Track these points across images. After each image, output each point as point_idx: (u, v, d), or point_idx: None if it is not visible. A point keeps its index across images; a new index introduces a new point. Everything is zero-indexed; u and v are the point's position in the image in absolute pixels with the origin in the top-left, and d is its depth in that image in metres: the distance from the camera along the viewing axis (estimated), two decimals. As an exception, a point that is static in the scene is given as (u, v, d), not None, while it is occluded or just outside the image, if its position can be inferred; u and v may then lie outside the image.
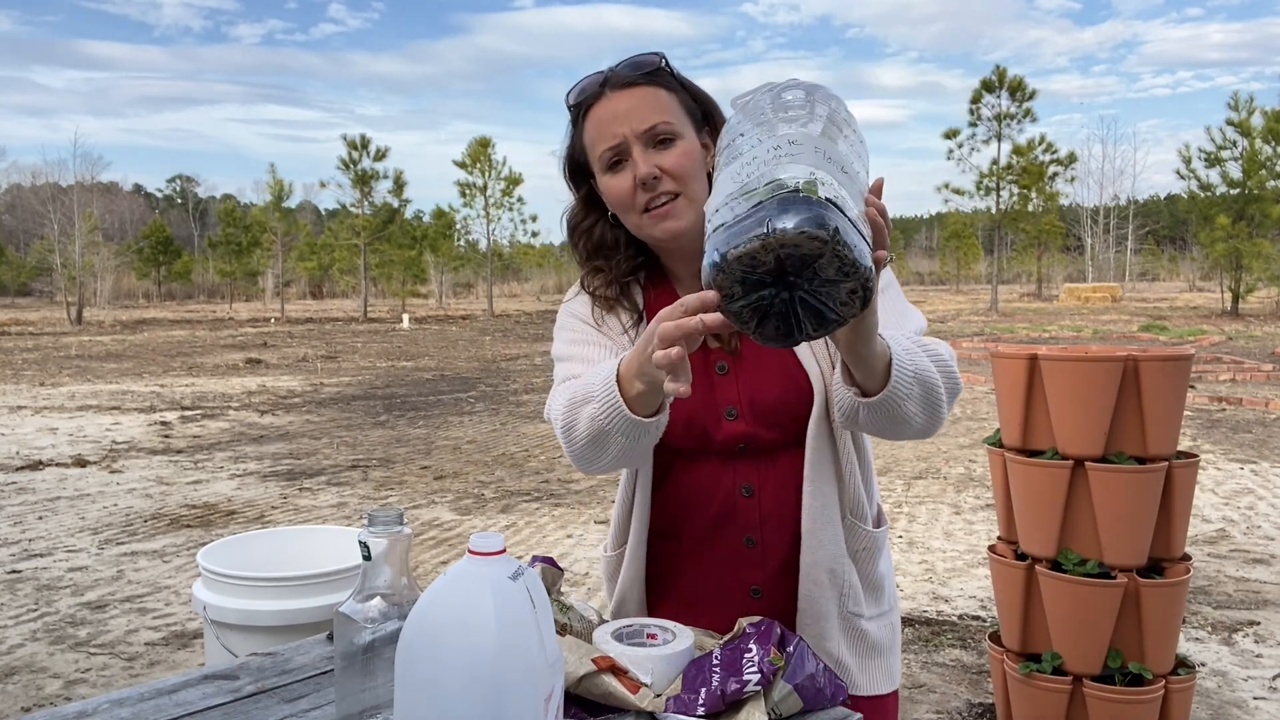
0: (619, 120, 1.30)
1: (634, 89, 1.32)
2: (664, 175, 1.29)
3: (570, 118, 1.39)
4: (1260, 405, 10.54)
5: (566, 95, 1.38)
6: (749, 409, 1.34)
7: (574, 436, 1.23)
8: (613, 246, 1.41)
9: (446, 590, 0.93)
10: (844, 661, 1.39)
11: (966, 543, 5.55)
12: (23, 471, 7.87)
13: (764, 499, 1.36)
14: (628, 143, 1.30)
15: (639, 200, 1.31)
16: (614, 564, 1.49)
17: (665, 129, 1.30)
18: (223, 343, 23.75)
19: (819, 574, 1.35)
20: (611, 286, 1.41)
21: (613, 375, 1.17)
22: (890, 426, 1.22)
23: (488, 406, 11.59)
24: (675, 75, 1.36)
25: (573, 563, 5.22)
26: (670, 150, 1.30)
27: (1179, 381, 2.65)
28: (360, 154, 37.51)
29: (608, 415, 1.17)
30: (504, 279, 57.38)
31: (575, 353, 1.39)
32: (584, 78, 1.36)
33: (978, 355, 15.08)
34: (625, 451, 1.21)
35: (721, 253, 0.91)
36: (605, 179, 1.34)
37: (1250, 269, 27.71)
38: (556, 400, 1.31)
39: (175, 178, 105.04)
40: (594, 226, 1.42)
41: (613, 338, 1.40)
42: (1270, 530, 5.77)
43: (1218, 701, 3.46)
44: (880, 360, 1.14)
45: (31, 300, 54.71)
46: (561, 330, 1.44)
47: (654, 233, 1.33)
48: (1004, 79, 32.32)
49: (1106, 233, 65.06)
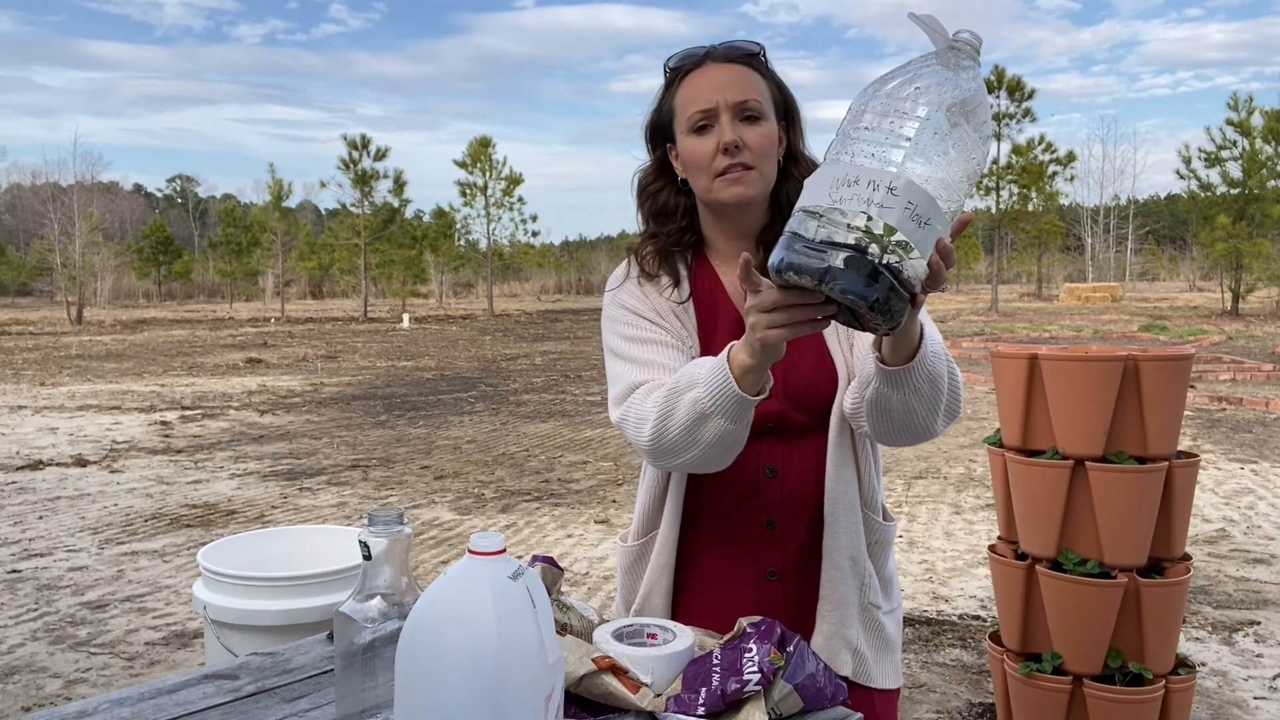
0: (715, 88, 1.37)
1: (733, 65, 1.40)
2: (745, 148, 1.36)
3: (665, 81, 1.46)
4: (1260, 405, 10.54)
5: (666, 61, 1.46)
6: (782, 388, 1.38)
7: (669, 425, 1.26)
8: (673, 213, 1.48)
9: (446, 590, 0.93)
10: (861, 651, 1.42)
11: (966, 542, 5.55)
12: (23, 471, 7.87)
13: (786, 481, 1.40)
14: (719, 109, 1.36)
15: (717, 164, 1.37)
16: (635, 555, 1.51)
17: (755, 106, 1.37)
18: (223, 342, 23.75)
19: (841, 560, 1.39)
20: (659, 255, 1.47)
21: (724, 358, 1.21)
22: (890, 415, 1.26)
23: (488, 406, 11.59)
24: (769, 66, 1.45)
25: (573, 563, 5.22)
26: (756, 127, 1.37)
27: (1179, 381, 2.65)
28: (360, 154, 37.51)
29: (713, 396, 1.21)
30: (504, 279, 57.35)
31: (639, 354, 1.41)
32: (685, 48, 1.45)
33: (978, 355, 15.07)
34: (720, 437, 1.23)
35: (786, 262, 1.02)
36: (688, 140, 1.40)
37: (1250, 269, 27.70)
38: (640, 400, 1.33)
39: (175, 178, 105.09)
40: (661, 190, 1.49)
41: (660, 317, 1.44)
42: (1270, 530, 5.77)
43: (1218, 701, 3.46)
44: (909, 342, 1.19)
45: (31, 300, 54.69)
46: (614, 323, 1.46)
47: (722, 196, 1.39)
48: (1003, 79, 32.32)
49: (1106, 232, 65.08)
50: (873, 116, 1.05)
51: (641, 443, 1.30)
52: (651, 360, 1.39)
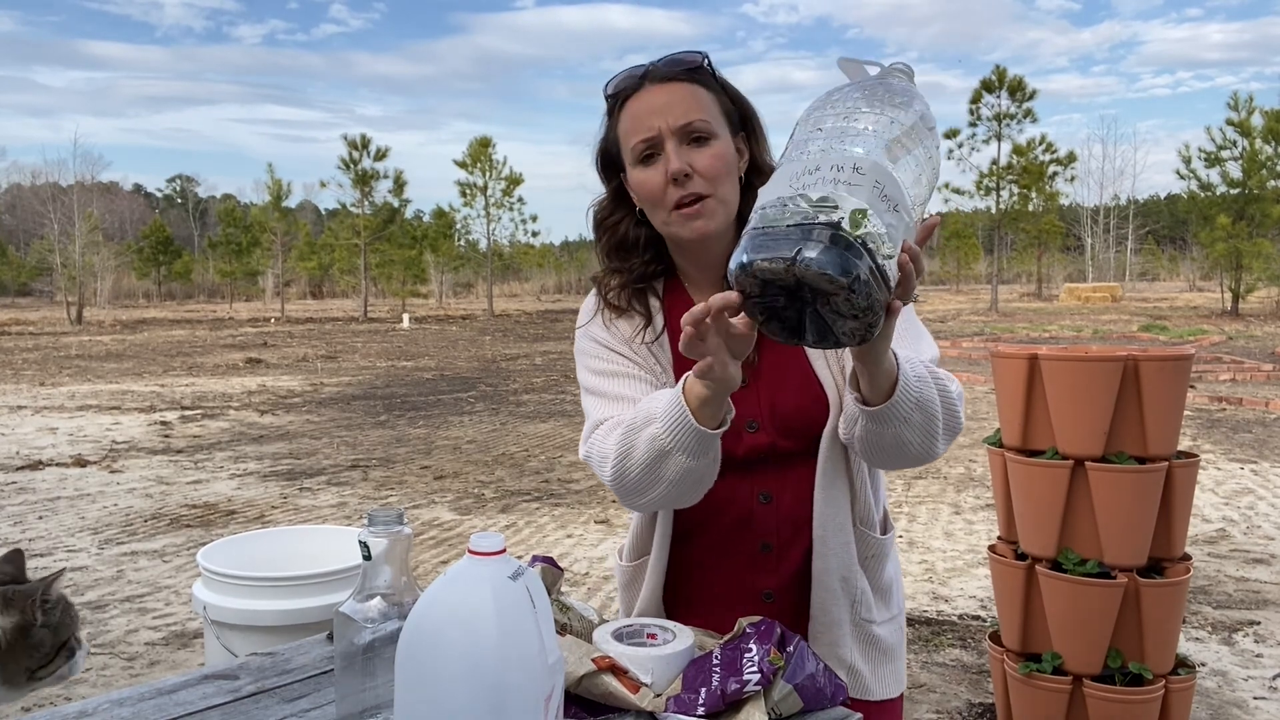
0: (655, 113, 1.28)
1: (673, 84, 1.30)
2: (695, 174, 1.27)
3: (606, 108, 1.37)
4: (1260, 405, 10.54)
5: (605, 86, 1.36)
6: (769, 420, 1.33)
7: (629, 464, 1.20)
8: (634, 246, 1.38)
9: (446, 590, 0.93)
10: (857, 668, 1.39)
11: (966, 543, 5.55)
12: (23, 471, 7.87)
13: (781, 505, 1.36)
14: (662, 136, 1.27)
15: (669, 197, 1.28)
16: (630, 574, 1.48)
17: (701, 127, 1.28)
18: (223, 342, 23.75)
19: (831, 581, 1.35)
20: (625, 290, 1.38)
21: (678, 391, 1.15)
22: (881, 449, 1.22)
23: (488, 406, 11.59)
24: (716, 76, 1.34)
25: (573, 563, 5.22)
26: (704, 149, 1.28)
27: (1179, 381, 2.65)
28: (360, 154, 37.52)
29: (672, 431, 1.15)
30: (504, 279, 57.38)
31: (607, 388, 1.34)
32: (623, 69, 1.34)
33: (978, 355, 15.07)
34: (683, 474, 1.18)
35: (750, 259, 0.94)
36: (636, 172, 1.31)
37: (1250, 269, 27.70)
38: (603, 437, 1.27)
39: (175, 178, 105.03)
40: (620, 223, 1.39)
41: (633, 351, 1.37)
42: (1270, 530, 5.77)
43: (1218, 701, 3.46)
44: (886, 377, 1.14)
45: (31, 300, 54.68)
46: (585, 357, 1.39)
47: (681, 232, 1.30)
48: (1004, 79, 32.34)
49: (1106, 232, 65.08)
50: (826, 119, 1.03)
51: (606, 481, 1.25)
52: (620, 394, 1.32)
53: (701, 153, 1.27)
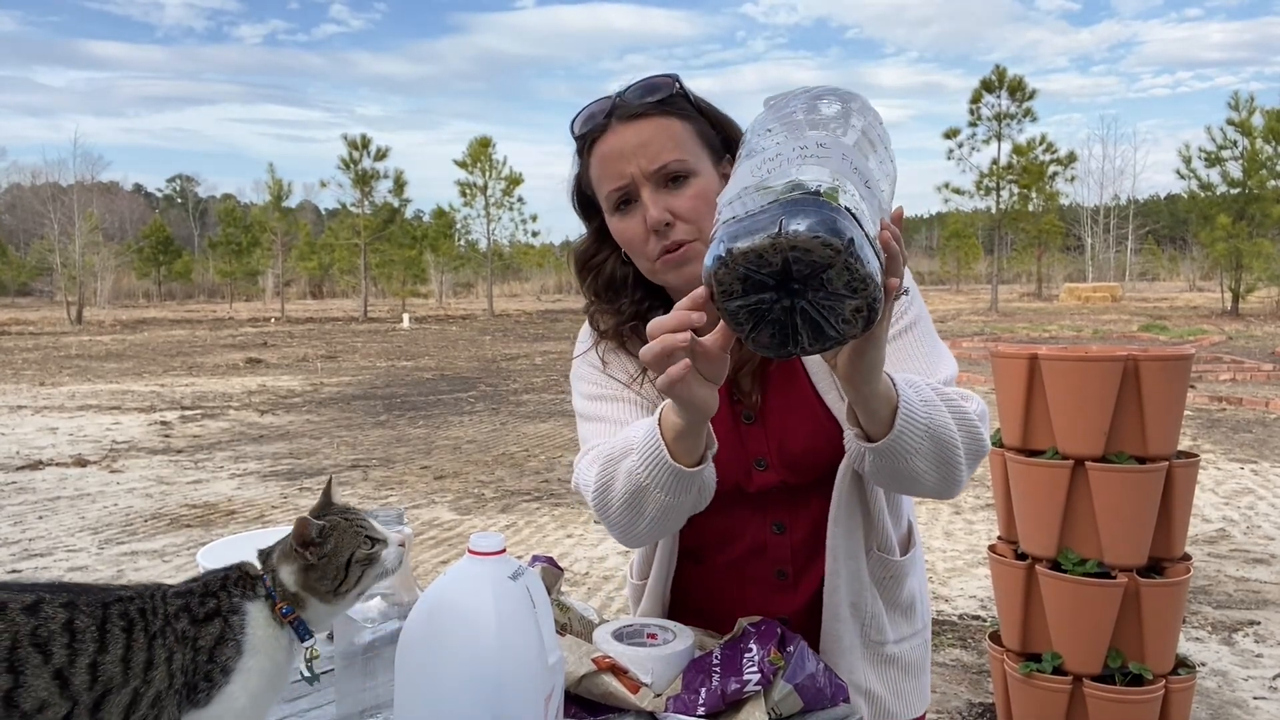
0: (626, 158, 1.18)
1: (643, 120, 1.19)
2: (676, 221, 1.18)
3: (575, 148, 1.27)
4: (1260, 405, 10.54)
5: (571, 123, 1.26)
6: (778, 458, 1.27)
7: (609, 498, 1.15)
8: (622, 284, 1.31)
9: (446, 590, 0.93)
10: (875, 692, 1.33)
11: (966, 542, 5.55)
12: (23, 471, 7.87)
13: (795, 535, 1.31)
14: (636, 183, 1.18)
15: (651, 247, 1.19)
16: (638, 591, 1.45)
17: (677, 167, 1.18)
18: (223, 342, 23.75)
19: (840, 609, 1.30)
20: (619, 331, 1.31)
21: (655, 421, 1.08)
22: (897, 481, 1.14)
23: (488, 406, 11.59)
24: (690, 99, 1.23)
25: (573, 563, 5.22)
26: (684, 190, 1.18)
27: (1179, 381, 2.64)
28: (361, 154, 37.55)
29: (648, 466, 1.08)
30: (504, 279, 57.37)
31: (599, 412, 1.30)
32: (590, 103, 1.24)
33: (978, 355, 15.07)
34: (665, 512, 1.12)
35: (728, 246, 0.84)
36: (614, 220, 1.23)
37: (1250, 269, 27.71)
38: (588, 466, 1.21)
39: (175, 177, 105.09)
40: (605, 263, 1.31)
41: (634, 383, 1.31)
42: (1270, 530, 5.77)
43: (1218, 701, 3.46)
44: (884, 404, 1.05)
45: (31, 300, 54.69)
46: (580, 382, 1.35)
47: (670, 279, 1.23)
48: (1004, 79, 32.34)
49: (1106, 232, 65.11)
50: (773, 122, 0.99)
51: (593, 513, 1.21)
52: (612, 418, 1.27)
53: (681, 195, 1.18)
